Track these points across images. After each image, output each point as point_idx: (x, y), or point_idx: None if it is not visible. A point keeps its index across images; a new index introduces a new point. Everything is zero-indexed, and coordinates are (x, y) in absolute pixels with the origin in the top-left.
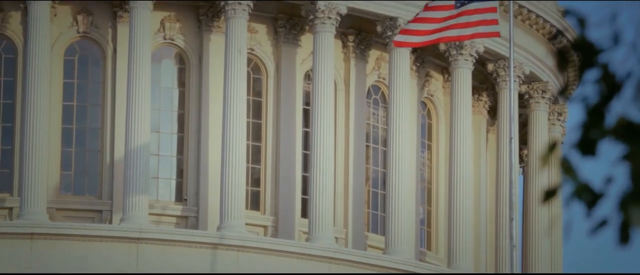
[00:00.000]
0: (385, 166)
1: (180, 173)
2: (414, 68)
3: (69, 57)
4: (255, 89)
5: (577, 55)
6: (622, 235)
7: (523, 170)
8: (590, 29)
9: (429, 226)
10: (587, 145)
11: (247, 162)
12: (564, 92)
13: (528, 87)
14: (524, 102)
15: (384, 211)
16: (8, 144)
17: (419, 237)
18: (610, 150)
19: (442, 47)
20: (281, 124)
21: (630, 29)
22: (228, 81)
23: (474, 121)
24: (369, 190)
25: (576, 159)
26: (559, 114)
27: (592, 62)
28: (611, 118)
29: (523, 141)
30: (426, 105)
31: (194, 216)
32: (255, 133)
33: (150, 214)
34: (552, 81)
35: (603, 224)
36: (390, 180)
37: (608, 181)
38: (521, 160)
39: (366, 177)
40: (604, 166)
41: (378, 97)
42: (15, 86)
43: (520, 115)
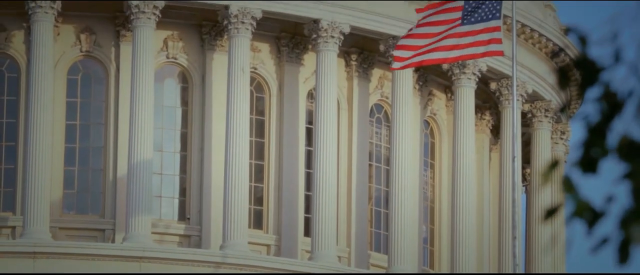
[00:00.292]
0: (388, 185)
1: (183, 192)
2: (417, 87)
3: (72, 76)
4: (258, 108)
5: (579, 73)
6: (623, 253)
7: (526, 189)
8: (591, 47)
9: (432, 245)
10: (588, 163)
11: (250, 181)
12: (564, 110)
13: (531, 106)
14: (527, 121)
15: (387, 230)
16: (11, 163)
17: (422, 256)
18: (611, 168)
19: (445, 66)
20: (284, 143)
21: (631, 48)
22: (231, 100)
23: (477, 140)
24: (372, 209)
25: (577, 178)
26: (562, 133)
27: (594, 81)
28: (613, 136)
29: (526, 160)
30: (429, 124)
31: (197, 235)
32: (258, 152)
33: (153, 233)
34: (555, 100)
35: (604, 242)
36: (393, 199)
37: (609, 200)
38: (524, 179)
39: (369, 196)
40: (605, 185)
41: (381, 116)
42: (18, 105)
43: (523, 134)
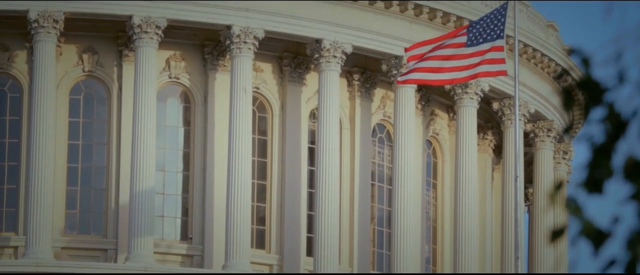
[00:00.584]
0: (390, 205)
1: (185, 211)
2: (419, 107)
3: (75, 96)
4: (260, 128)
5: (583, 94)
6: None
7: (528, 209)
8: (595, 68)
9: (435, 264)
10: (594, 184)
11: (253, 201)
12: (569, 131)
13: (533, 126)
14: (530, 141)
15: (389, 250)
16: (13, 183)
17: None
18: (617, 189)
19: (448, 86)
20: (286, 163)
21: (635, 68)
22: (233, 120)
23: (479, 160)
24: (374, 228)
25: (582, 198)
26: (565, 153)
27: (598, 101)
28: (617, 157)
29: (528, 180)
30: (431, 143)
31: (199, 255)
32: (260, 171)
33: (155, 253)
34: (558, 120)
35: (611, 264)
36: (395, 218)
37: (615, 220)
38: (526, 199)
39: (371, 216)
40: (611, 205)
41: (383, 136)
42: (20, 125)
43: (525, 153)
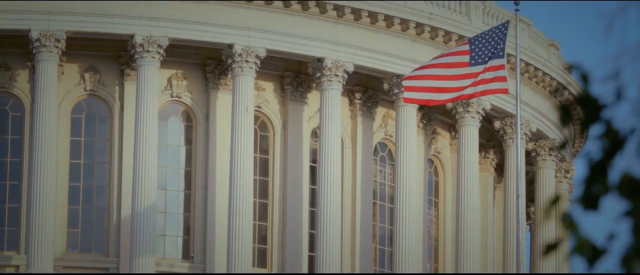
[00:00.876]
0: (392, 223)
1: (187, 230)
2: (421, 125)
3: (76, 115)
4: (262, 146)
5: (581, 110)
6: None
7: (530, 227)
8: (594, 85)
9: None
10: (590, 200)
11: (254, 219)
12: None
13: (535, 145)
14: (531, 160)
15: (391, 268)
16: (15, 202)
17: None
18: (613, 206)
19: (449, 105)
20: (288, 181)
21: (634, 86)
22: (235, 138)
23: (481, 178)
24: (376, 247)
25: (578, 214)
26: (566, 172)
27: (596, 118)
28: (614, 174)
29: (530, 198)
30: (433, 162)
31: (201, 274)
32: (262, 190)
33: (157, 272)
34: (559, 138)
35: None
36: (397, 237)
37: (610, 237)
38: (528, 217)
39: (373, 234)
40: (607, 222)
41: (385, 154)
42: (22, 144)
43: (527, 172)
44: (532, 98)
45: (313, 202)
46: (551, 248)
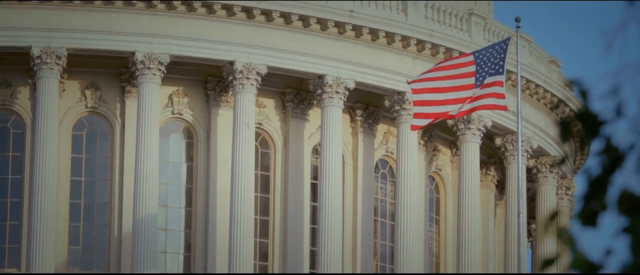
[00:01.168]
0: (393, 240)
1: (188, 247)
2: (422, 142)
3: (77, 132)
4: (263, 163)
5: (581, 126)
6: None
7: (531, 244)
8: (594, 101)
9: None
10: (589, 216)
11: (255, 236)
12: (564, 162)
13: (536, 162)
14: (532, 176)
15: None
16: (16, 219)
17: None
18: (611, 222)
19: (450, 122)
20: (289, 198)
21: (633, 102)
22: (236, 155)
23: (482, 195)
24: (377, 264)
25: (576, 230)
26: (567, 188)
27: (595, 134)
28: (613, 190)
29: (531, 215)
30: (434, 179)
31: None
32: (263, 207)
33: None
34: (560, 155)
35: None
36: (398, 254)
37: (608, 253)
38: (529, 234)
39: (374, 252)
40: (605, 238)
41: (386, 171)
42: (23, 161)
43: (528, 189)
44: (533, 115)
45: (314, 219)
46: (549, 263)
